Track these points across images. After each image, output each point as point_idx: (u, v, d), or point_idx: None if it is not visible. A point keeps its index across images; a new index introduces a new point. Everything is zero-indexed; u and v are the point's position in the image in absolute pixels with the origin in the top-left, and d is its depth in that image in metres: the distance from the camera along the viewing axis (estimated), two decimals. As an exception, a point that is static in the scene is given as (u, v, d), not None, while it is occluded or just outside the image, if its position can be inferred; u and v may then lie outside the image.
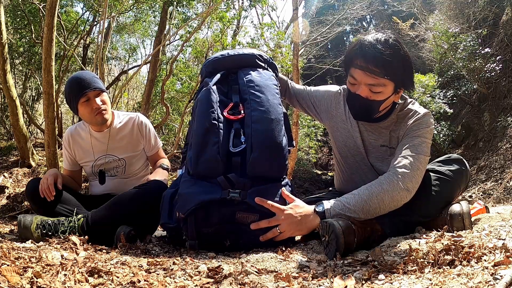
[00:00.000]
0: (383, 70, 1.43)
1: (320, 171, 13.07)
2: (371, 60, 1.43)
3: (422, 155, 1.47)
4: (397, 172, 1.42)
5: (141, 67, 7.84)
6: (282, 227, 1.44)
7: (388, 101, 1.54)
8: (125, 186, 2.07)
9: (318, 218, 1.42)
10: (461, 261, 0.99)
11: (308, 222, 1.44)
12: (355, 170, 1.76)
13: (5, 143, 6.81)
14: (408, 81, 1.52)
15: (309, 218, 1.44)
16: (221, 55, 1.77)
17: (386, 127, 1.65)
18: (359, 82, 1.50)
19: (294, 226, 1.44)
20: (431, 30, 9.03)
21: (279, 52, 8.26)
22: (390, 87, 1.48)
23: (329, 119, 1.80)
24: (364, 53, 1.45)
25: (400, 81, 1.49)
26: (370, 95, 1.49)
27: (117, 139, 2.12)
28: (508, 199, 5.09)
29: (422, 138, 1.51)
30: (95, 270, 1.04)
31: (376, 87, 1.46)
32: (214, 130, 1.56)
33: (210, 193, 1.49)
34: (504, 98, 7.32)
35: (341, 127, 1.75)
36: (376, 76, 1.44)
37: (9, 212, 4.30)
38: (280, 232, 1.44)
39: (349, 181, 1.80)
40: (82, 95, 1.95)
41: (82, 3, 8.78)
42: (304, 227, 1.45)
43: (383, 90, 1.47)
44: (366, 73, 1.46)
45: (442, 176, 1.52)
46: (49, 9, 3.46)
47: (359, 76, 1.48)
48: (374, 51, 1.43)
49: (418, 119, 1.57)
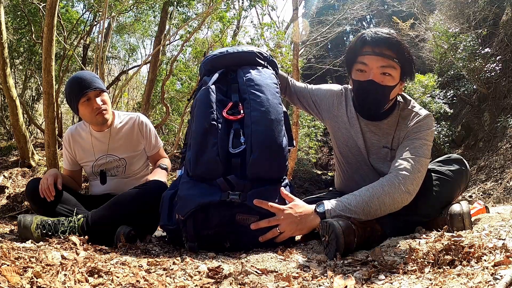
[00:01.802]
0: (393, 52, 1.48)
1: (320, 171, 13.07)
2: (382, 43, 1.47)
3: (423, 158, 1.47)
4: (398, 175, 1.42)
5: (141, 67, 7.85)
6: (282, 227, 1.44)
7: (395, 92, 1.56)
8: (125, 186, 2.07)
9: (318, 218, 1.42)
10: (461, 261, 0.99)
11: (308, 221, 1.44)
12: (356, 169, 1.75)
13: (5, 143, 6.81)
14: (411, 70, 1.55)
15: (309, 218, 1.44)
16: (220, 53, 1.74)
17: (389, 127, 1.64)
18: (370, 67, 1.51)
19: (294, 226, 1.44)
20: (431, 30, 9.03)
21: (279, 52, 8.26)
22: (398, 72, 1.51)
23: (330, 119, 1.79)
24: (372, 39, 1.49)
25: (406, 67, 1.52)
26: (382, 80, 1.50)
27: (118, 139, 2.12)
28: (508, 199, 5.09)
29: (423, 141, 1.52)
30: (95, 270, 1.04)
31: (387, 68, 1.49)
32: (213, 131, 1.54)
33: (209, 195, 1.47)
34: (504, 98, 7.32)
35: (342, 127, 1.74)
36: (387, 58, 1.48)
37: (9, 212, 4.30)
38: (280, 232, 1.44)
39: (350, 181, 1.80)
40: (83, 95, 1.95)
41: (82, 3, 8.79)
42: (304, 227, 1.44)
43: (393, 74, 1.50)
44: (377, 56, 1.48)
45: (442, 176, 1.52)
46: (49, 9, 3.46)
47: (370, 60, 1.50)
48: (382, 35, 1.48)
49: (419, 120, 1.57)
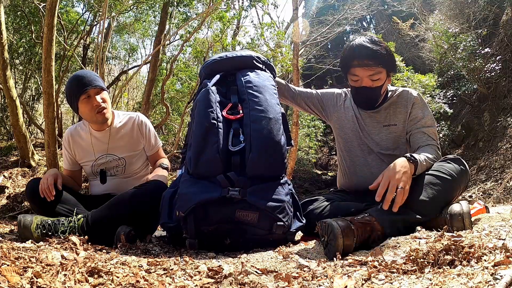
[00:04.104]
0: (376, 61, 1.75)
1: (320, 171, 13.07)
2: (365, 57, 1.75)
3: (433, 128, 1.82)
4: (433, 143, 1.76)
5: (141, 67, 7.85)
6: (392, 183, 1.45)
7: (385, 86, 1.84)
8: (125, 186, 2.07)
9: (412, 164, 1.51)
10: (461, 261, 0.99)
11: (406, 166, 1.49)
12: (358, 156, 1.90)
13: (5, 143, 6.82)
14: (394, 65, 1.84)
15: (406, 164, 1.50)
16: (219, 57, 1.81)
17: (385, 110, 1.88)
18: (361, 77, 1.79)
19: (400, 176, 1.46)
20: (431, 30, 9.03)
21: (279, 52, 8.25)
22: (384, 72, 1.79)
23: (336, 112, 2.01)
24: (357, 54, 1.77)
25: (389, 66, 1.80)
26: (372, 84, 1.79)
27: (117, 139, 2.12)
28: (508, 199, 5.09)
29: (428, 116, 1.82)
30: (95, 270, 1.04)
31: (375, 75, 1.77)
32: (214, 129, 1.57)
33: (209, 192, 1.50)
34: (504, 98, 7.32)
35: (348, 117, 1.96)
36: (373, 67, 1.76)
37: (9, 212, 4.31)
38: (398, 188, 1.44)
39: (352, 170, 1.92)
40: (83, 92, 1.95)
41: (82, 3, 8.79)
42: (406, 173, 1.48)
43: (380, 77, 1.78)
44: (364, 68, 1.76)
45: (442, 176, 1.52)
46: (49, 9, 3.47)
47: (360, 72, 1.78)
48: (365, 50, 1.75)
49: (412, 101, 1.84)
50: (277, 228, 1.50)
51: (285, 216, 1.52)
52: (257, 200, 1.49)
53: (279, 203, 1.52)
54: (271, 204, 1.50)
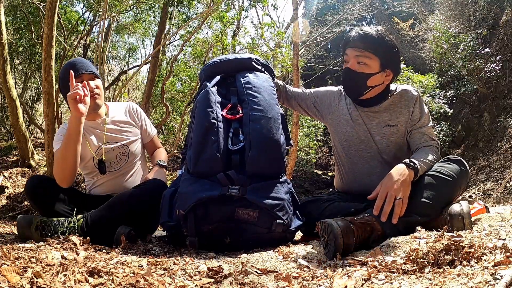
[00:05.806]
0: (366, 44, 1.72)
1: (320, 171, 13.06)
2: (359, 37, 1.74)
3: (430, 127, 1.81)
4: (433, 144, 1.75)
5: (141, 67, 7.85)
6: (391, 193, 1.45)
7: (377, 80, 1.75)
8: (125, 184, 2.07)
9: (411, 171, 1.51)
10: (461, 261, 0.99)
11: (405, 174, 1.50)
12: (357, 163, 1.84)
13: (5, 143, 6.82)
14: (393, 63, 1.78)
15: (405, 172, 1.50)
16: (219, 60, 1.84)
17: (385, 109, 1.82)
18: (349, 57, 1.77)
19: (398, 186, 1.47)
20: (431, 30, 9.03)
21: (279, 52, 8.25)
22: (376, 62, 1.73)
23: (331, 113, 1.93)
24: (352, 35, 1.77)
25: (385, 59, 1.74)
26: (357, 67, 1.74)
27: (114, 128, 2.10)
28: (508, 199, 5.09)
29: (425, 115, 1.80)
30: (95, 270, 1.04)
31: (361, 57, 1.73)
32: (214, 129, 1.59)
33: (209, 190, 1.51)
34: (504, 98, 7.31)
35: (343, 119, 1.88)
36: (361, 49, 1.73)
37: (9, 212, 4.30)
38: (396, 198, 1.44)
39: (351, 177, 1.88)
40: (77, 76, 1.93)
41: (82, 3, 8.78)
42: (405, 181, 1.48)
43: (368, 63, 1.73)
44: (354, 48, 1.75)
45: (442, 176, 1.52)
46: (49, 9, 3.46)
47: (349, 51, 1.77)
48: (360, 31, 1.75)
49: (414, 101, 1.80)
50: (276, 226, 1.51)
51: (285, 214, 1.54)
52: (257, 198, 1.50)
53: (279, 201, 1.53)
54: (271, 202, 1.51)
